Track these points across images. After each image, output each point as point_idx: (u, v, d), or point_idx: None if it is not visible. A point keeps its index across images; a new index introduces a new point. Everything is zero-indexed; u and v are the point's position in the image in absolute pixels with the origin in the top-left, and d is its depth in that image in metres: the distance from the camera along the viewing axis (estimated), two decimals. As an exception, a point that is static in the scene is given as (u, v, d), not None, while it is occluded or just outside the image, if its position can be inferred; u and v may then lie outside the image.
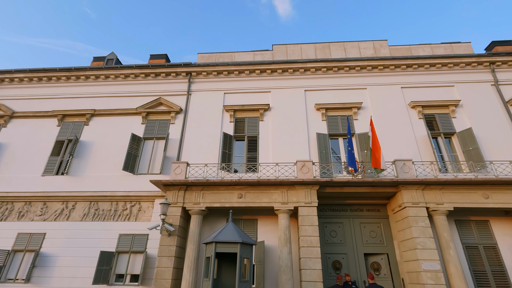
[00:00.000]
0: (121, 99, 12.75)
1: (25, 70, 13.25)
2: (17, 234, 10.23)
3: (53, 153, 11.74)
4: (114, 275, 9.39)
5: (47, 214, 10.60)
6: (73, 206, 10.67)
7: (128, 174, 10.98)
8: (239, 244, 6.80)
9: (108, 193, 10.56)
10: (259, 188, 9.35)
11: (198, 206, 9.27)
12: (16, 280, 9.56)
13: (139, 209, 10.45)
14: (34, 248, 9.89)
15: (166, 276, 8.30)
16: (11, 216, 10.68)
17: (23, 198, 10.84)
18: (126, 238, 9.85)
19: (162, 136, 11.74)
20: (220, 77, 12.79)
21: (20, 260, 9.86)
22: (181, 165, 9.83)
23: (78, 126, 12.27)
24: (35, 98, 13.10)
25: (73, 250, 9.85)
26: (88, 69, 13.12)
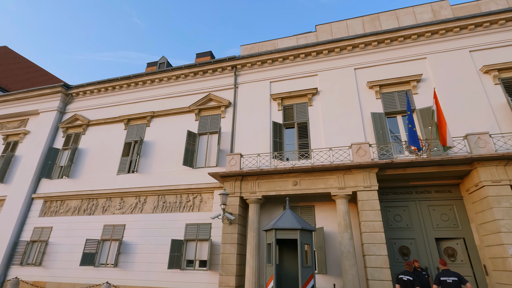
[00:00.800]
0: (175, 99, 13.63)
1: (93, 82, 14.99)
2: (103, 226, 11.84)
3: (124, 154, 13.17)
4: (185, 261, 10.29)
5: (124, 208, 12.02)
6: (144, 200, 11.91)
7: (188, 168, 11.78)
8: (299, 230, 6.84)
9: (172, 187, 11.51)
10: (313, 175, 9.22)
11: (254, 195, 9.55)
12: (107, 264, 11.11)
13: (201, 200, 11.18)
14: (118, 237, 11.35)
15: (231, 262, 8.80)
16: (97, 211, 12.38)
17: (104, 195, 12.45)
18: (192, 227, 10.67)
19: (215, 130, 12.27)
20: (264, 67, 12.77)
21: (108, 247, 11.42)
22: (235, 156, 10.18)
23: (141, 128, 13.52)
24: (105, 107, 14.76)
25: (148, 238, 11.04)
26: (144, 74, 14.26)
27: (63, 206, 13.06)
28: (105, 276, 10.80)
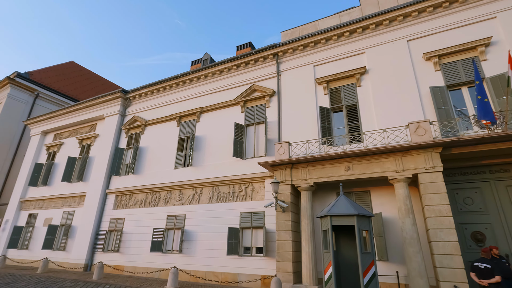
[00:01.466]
0: (221, 93, 14.04)
1: (146, 85, 16.18)
2: (167, 216, 12.92)
3: (178, 149, 14.08)
4: (242, 248, 10.74)
5: (183, 199, 12.94)
6: (200, 191, 12.65)
7: (237, 159, 12.15)
8: (355, 216, 6.63)
9: (224, 178, 12.00)
10: (367, 158, 8.77)
11: (305, 182, 9.47)
12: (173, 251, 12.16)
13: (252, 189, 11.47)
14: (180, 226, 12.30)
15: (287, 249, 8.93)
16: (160, 202, 13.53)
17: (165, 188, 13.54)
18: (246, 215, 11.05)
19: (261, 120, 12.37)
20: (307, 51, 12.38)
21: (172, 235, 12.46)
22: (283, 145, 10.18)
23: (192, 124, 14.27)
24: (158, 107, 15.87)
25: (207, 227, 11.75)
26: (190, 73, 14.92)
27: (131, 200, 14.56)
28: (172, 261, 11.83)
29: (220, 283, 10.49)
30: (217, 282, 10.56)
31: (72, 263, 14.24)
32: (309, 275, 8.42)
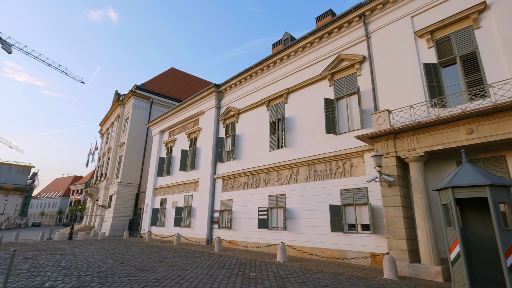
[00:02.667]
0: (306, 71, 13.68)
1: (234, 76, 17.20)
2: (268, 196, 13.73)
3: (271, 133, 14.59)
4: (346, 225, 10.48)
5: (281, 179, 13.45)
6: (297, 171, 12.86)
7: (331, 135, 11.72)
8: (488, 186, 5.52)
9: (319, 155, 11.82)
10: (498, 116, 7.07)
11: (414, 152, 8.39)
12: (278, 228, 12.91)
13: (351, 165, 10.93)
14: (281, 205, 12.90)
15: (398, 225, 8.23)
16: (261, 184, 14.46)
17: (263, 170, 14.35)
18: (347, 192, 10.67)
19: (353, 91, 11.49)
20: (399, 2, 10.64)
21: (276, 214, 13.21)
22: (381, 114, 9.22)
23: (280, 106, 14.48)
24: (248, 94, 16.71)
25: (307, 205, 11.93)
26: (272, 56, 15.02)
27: (235, 183, 16.07)
28: (278, 237, 12.59)
29: (328, 258, 10.59)
30: (324, 257, 10.70)
31: (196, 238, 16.92)
32: (429, 254, 7.56)
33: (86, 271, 8.23)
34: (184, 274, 7.87)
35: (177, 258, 10.92)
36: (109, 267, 8.93)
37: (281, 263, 9.69)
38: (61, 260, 10.28)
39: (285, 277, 7.45)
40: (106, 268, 8.74)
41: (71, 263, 9.64)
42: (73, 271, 8.21)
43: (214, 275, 7.80)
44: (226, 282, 6.96)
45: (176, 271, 8.29)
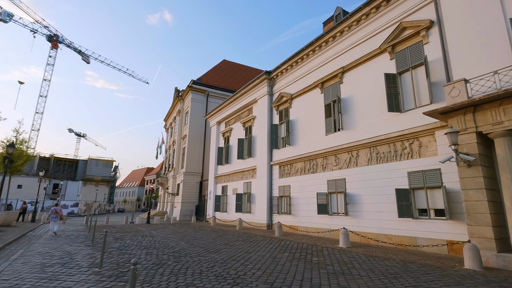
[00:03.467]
0: (362, 46, 12.67)
1: (285, 61, 16.87)
2: (327, 181, 13.38)
3: (326, 116, 14.04)
4: (416, 210, 9.62)
5: (340, 163, 12.93)
6: (356, 154, 12.20)
7: (394, 114, 10.75)
8: None
9: (381, 136, 10.97)
10: None
11: (500, 126, 7.17)
12: (339, 213, 12.55)
13: (419, 145, 9.90)
14: (341, 190, 12.45)
15: (481, 210, 7.23)
16: (318, 169, 14.15)
17: (320, 155, 13.98)
18: (415, 175, 9.74)
19: (418, 63, 10.26)
20: None
21: (336, 199, 12.83)
22: (456, 84, 8.05)
23: (335, 87, 13.76)
24: (300, 78, 16.28)
25: (370, 189, 11.27)
26: (324, 34, 14.23)
27: (292, 168, 16.03)
28: (339, 223, 12.25)
29: (396, 245, 9.93)
30: (392, 244, 10.07)
31: (257, 223, 17.52)
32: (523, 243, 6.50)
33: (163, 250, 9.23)
34: (248, 257, 8.24)
35: (241, 242, 11.49)
36: (181, 248, 9.86)
37: (344, 249, 9.44)
38: (142, 240, 11.71)
39: (349, 263, 7.25)
40: (179, 248, 9.67)
41: (150, 243, 10.92)
42: (152, 250, 9.29)
43: (277, 258, 7.99)
44: (288, 265, 7.07)
45: (240, 253, 8.73)
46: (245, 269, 6.67)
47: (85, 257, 8.05)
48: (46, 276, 5.98)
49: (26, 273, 6.23)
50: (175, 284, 5.37)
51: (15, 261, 7.49)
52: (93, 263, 7.21)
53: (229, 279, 5.72)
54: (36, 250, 9.15)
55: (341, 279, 5.76)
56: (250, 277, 5.88)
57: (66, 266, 6.87)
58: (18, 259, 7.69)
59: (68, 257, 8.01)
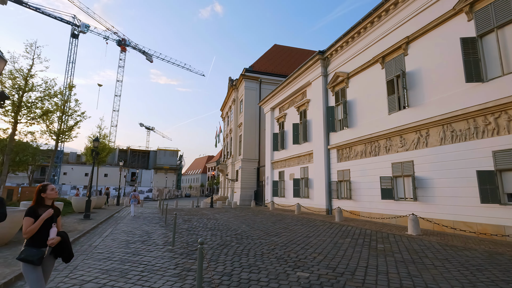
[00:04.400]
0: (429, 10, 11.08)
1: (340, 37, 15.82)
2: (391, 164, 12.39)
3: (389, 93, 12.84)
4: (505, 195, 8.29)
5: (406, 144, 11.80)
6: (426, 133, 10.96)
7: (474, 84, 9.26)
8: None
9: (458, 112, 9.61)
10: None
11: None
12: (406, 198, 11.58)
13: (508, 119, 8.39)
14: (409, 173, 11.40)
15: None
16: (381, 151, 13.17)
17: (383, 136, 12.95)
18: (504, 154, 8.33)
19: (506, 20, 8.54)
20: None
21: (402, 183, 11.83)
22: (561, 41, 6.50)
23: (399, 61, 12.43)
24: (357, 55, 15.12)
25: (443, 172, 10.07)
26: (384, 2, 12.83)
27: (351, 152, 15.24)
28: (407, 208, 11.30)
29: (478, 234, 8.76)
30: (472, 233, 8.91)
31: (316, 208, 17.29)
32: None
33: (226, 232, 9.80)
34: (308, 241, 8.22)
35: (300, 226, 11.51)
36: (243, 230, 10.33)
37: (414, 236, 8.71)
38: (207, 223, 12.61)
39: (420, 252, 6.67)
40: (241, 231, 10.15)
41: (215, 225, 11.69)
42: (217, 232, 9.94)
43: (338, 243, 7.79)
44: (351, 251, 6.84)
45: (300, 238, 8.76)
46: (306, 253, 6.67)
47: (160, 236, 9.03)
48: (130, 251, 6.89)
49: (115, 248, 7.28)
50: (238, 264, 5.66)
51: (106, 237, 8.80)
52: (167, 242, 8.05)
53: (290, 262, 5.79)
54: (121, 229, 10.61)
55: (412, 268, 5.34)
56: (311, 261, 5.86)
57: (145, 244, 7.80)
58: (108, 236, 9.02)
59: (146, 236, 9.09)
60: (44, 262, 2.83)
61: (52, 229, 2.83)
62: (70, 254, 2.95)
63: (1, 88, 6.74)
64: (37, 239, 2.74)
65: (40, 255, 2.68)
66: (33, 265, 2.66)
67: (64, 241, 2.88)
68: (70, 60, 55.04)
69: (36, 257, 2.65)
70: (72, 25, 56.98)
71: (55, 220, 2.93)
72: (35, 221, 2.74)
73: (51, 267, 2.94)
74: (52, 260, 2.93)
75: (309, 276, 4.86)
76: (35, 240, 2.74)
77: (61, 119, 13.42)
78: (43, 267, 2.84)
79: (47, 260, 2.86)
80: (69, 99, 13.48)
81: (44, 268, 2.86)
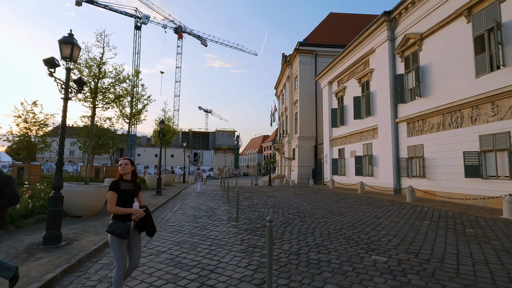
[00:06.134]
0: None
1: (411, -8, 13.58)
2: (478, 137, 10.52)
3: (476, 52, 10.70)
4: None
5: (501, 112, 9.80)
6: (531, 97, 8.89)
7: None
8: None
9: None
10: None
11: None
12: (498, 177, 9.79)
13: None
14: (503, 147, 9.53)
15: None
16: (464, 122, 11.26)
17: (467, 104, 11.00)
18: None
19: None
20: None
21: (493, 159, 9.99)
22: None
23: (491, 10, 10.13)
24: (432, 11, 12.79)
25: (556, 144, 8.10)
26: None
27: (425, 125, 13.43)
28: (499, 189, 9.53)
29: None
30: None
31: (381, 186, 16.02)
32: None
33: (288, 210, 9.65)
34: (378, 222, 7.55)
35: (366, 206, 10.75)
36: (304, 208, 10.06)
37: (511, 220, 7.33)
38: (268, 200, 12.67)
39: (526, 239, 5.51)
40: (302, 209, 9.90)
41: (275, 203, 11.67)
42: (278, 209, 9.87)
43: (415, 226, 6.97)
44: (433, 235, 6.01)
45: (369, 218, 8.11)
46: (378, 234, 6.09)
47: (224, 212, 9.33)
48: (198, 225, 7.21)
49: (184, 221, 7.72)
50: (305, 243, 5.41)
51: (176, 212, 9.45)
52: (231, 218, 8.24)
53: (362, 244, 5.32)
54: (188, 205, 11.31)
55: (519, 258, 4.40)
56: (386, 244, 5.30)
57: (211, 219, 8.11)
58: (177, 211, 9.67)
59: (211, 211, 9.49)
60: (131, 237, 2.91)
61: (134, 203, 2.89)
62: (153, 228, 3.00)
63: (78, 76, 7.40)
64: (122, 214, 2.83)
65: (127, 229, 2.75)
66: (120, 239, 2.75)
67: (147, 216, 2.93)
68: (135, 51, 59.85)
69: (123, 230, 2.72)
70: (135, 17, 61.35)
71: (137, 194, 2.98)
72: (117, 194, 2.82)
73: (138, 242, 3.00)
74: (137, 235, 2.99)
75: (387, 260, 4.35)
76: (121, 215, 2.83)
77: (131, 104, 14.66)
78: (130, 241, 2.93)
79: (133, 235, 2.94)
80: (137, 84, 14.58)
81: (131, 243, 2.94)
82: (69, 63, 5.25)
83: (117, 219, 2.83)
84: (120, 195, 2.86)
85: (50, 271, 3.78)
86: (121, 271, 2.83)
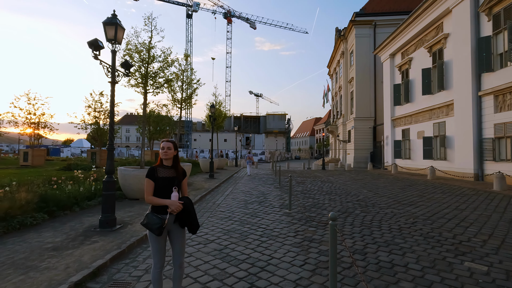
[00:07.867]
0: None
1: None
2: None
3: None
4: None
5: None
6: None
7: None
8: None
9: None
10: None
11: None
12: None
13: None
14: None
15: None
16: None
17: None
18: None
19: None
20: None
21: None
22: None
23: None
24: None
25: None
26: None
27: (522, 96, 10.87)
28: None
29: None
30: None
31: (457, 172, 13.78)
32: None
33: (346, 198, 8.74)
34: (461, 215, 6.24)
35: (440, 194, 9.22)
36: (365, 196, 9.02)
37: None
38: (322, 186, 11.82)
39: None
40: (363, 197, 8.88)
41: (331, 189, 10.78)
42: (334, 196, 9.02)
43: (515, 222, 5.53)
44: (546, 236, 4.62)
45: (448, 210, 6.80)
46: (466, 232, 4.93)
47: (276, 198, 8.85)
48: (249, 212, 6.85)
49: (235, 207, 7.44)
50: (371, 239, 4.60)
51: (227, 196, 9.29)
52: (283, 204, 7.72)
53: (447, 245, 4.29)
54: (239, 189, 11.13)
55: None
56: (481, 246, 4.18)
57: (262, 205, 7.70)
58: (229, 195, 9.51)
59: (262, 197, 9.09)
60: (172, 231, 2.53)
61: (172, 193, 2.44)
62: (195, 223, 2.53)
63: (125, 59, 7.42)
64: (157, 205, 2.44)
65: (160, 223, 2.32)
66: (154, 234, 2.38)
67: (186, 209, 2.46)
68: (188, 40, 61.98)
69: (156, 225, 2.31)
70: (186, 6, 63.09)
71: (176, 183, 2.51)
72: (154, 182, 2.43)
73: (181, 239, 2.55)
74: (179, 229, 2.54)
75: (489, 270, 3.34)
76: (157, 206, 2.44)
77: (182, 88, 14.89)
78: (172, 237, 2.54)
79: (174, 229, 2.52)
80: (186, 68, 14.70)
81: (173, 239, 2.55)
82: (115, 45, 5.12)
83: (154, 210, 2.45)
84: (157, 182, 2.46)
85: (100, 257, 3.72)
86: (158, 269, 2.48)
